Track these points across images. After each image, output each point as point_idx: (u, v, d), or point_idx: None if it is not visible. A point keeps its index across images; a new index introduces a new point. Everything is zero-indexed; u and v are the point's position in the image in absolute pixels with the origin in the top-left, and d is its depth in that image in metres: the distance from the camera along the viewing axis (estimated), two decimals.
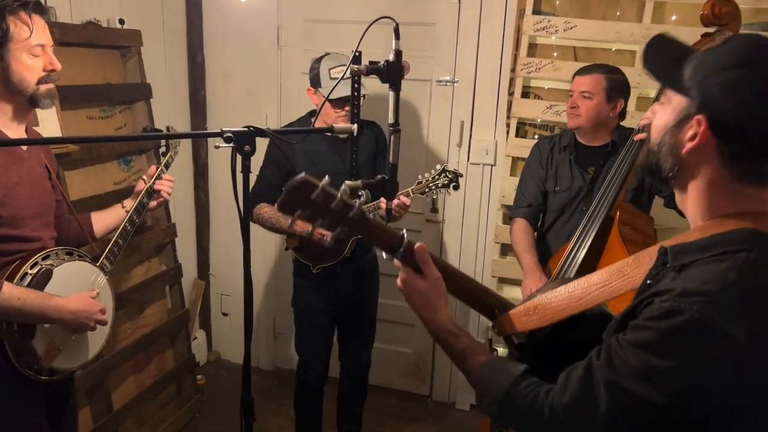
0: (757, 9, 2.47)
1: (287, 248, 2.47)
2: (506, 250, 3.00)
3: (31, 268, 1.60)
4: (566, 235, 2.31)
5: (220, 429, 2.98)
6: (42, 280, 1.60)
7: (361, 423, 2.77)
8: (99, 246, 1.90)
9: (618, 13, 2.67)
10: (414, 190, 2.29)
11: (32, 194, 1.64)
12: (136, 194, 1.94)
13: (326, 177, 1.01)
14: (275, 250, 3.38)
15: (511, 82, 2.82)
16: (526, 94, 2.84)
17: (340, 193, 1.02)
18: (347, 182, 1.43)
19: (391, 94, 1.34)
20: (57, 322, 1.61)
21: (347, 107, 2.25)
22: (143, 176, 1.97)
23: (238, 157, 1.31)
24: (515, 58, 2.78)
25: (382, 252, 1.14)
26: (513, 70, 2.80)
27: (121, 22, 2.57)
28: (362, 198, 2.46)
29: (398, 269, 1.16)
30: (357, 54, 1.41)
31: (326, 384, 2.66)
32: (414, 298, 1.15)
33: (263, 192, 2.37)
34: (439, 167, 2.33)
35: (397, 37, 1.33)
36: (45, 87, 1.58)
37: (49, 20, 1.61)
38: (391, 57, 1.32)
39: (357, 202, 1.04)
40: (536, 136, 2.82)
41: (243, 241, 1.35)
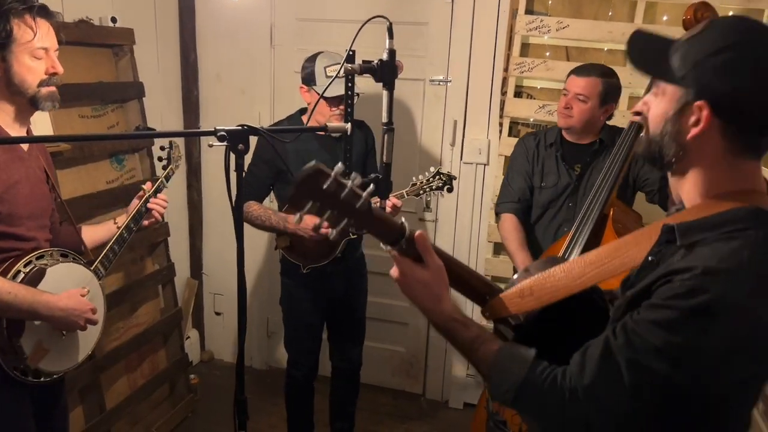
0: (747, 9, 2.50)
1: (276, 248, 2.46)
2: (499, 249, 3.01)
3: (25, 266, 1.60)
4: (554, 230, 2.33)
5: (213, 428, 2.98)
6: (34, 278, 1.60)
7: (354, 421, 2.78)
8: (94, 252, 1.89)
9: (610, 13, 2.69)
10: (408, 192, 2.29)
11: (30, 194, 1.64)
12: (129, 211, 1.94)
13: (339, 164, 0.97)
14: (268, 250, 3.38)
15: (504, 81, 2.83)
16: (518, 94, 2.85)
17: (350, 183, 0.97)
18: None
19: (384, 93, 1.34)
20: (47, 320, 1.60)
21: (342, 105, 2.25)
22: (140, 191, 1.97)
23: (232, 156, 1.31)
24: (508, 57, 2.79)
25: (381, 243, 1.08)
26: (506, 69, 2.81)
27: (114, 20, 2.56)
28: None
29: (393, 260, 1.10)
30: (351, 53, 1.41)
31: (318, 382, 2.66)
32: (415, 288, 1.08)
33: (252, 190, 2.36)
34: (433, 169, 2.33)
35: (391, 36, 1.33)
36: (46, 90, 1.59)
37: (55, 24, 1.62)
38: (384, 56, 1.32)
39: (364, 192, 0.98)
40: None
41: (237, 240, 1.35)
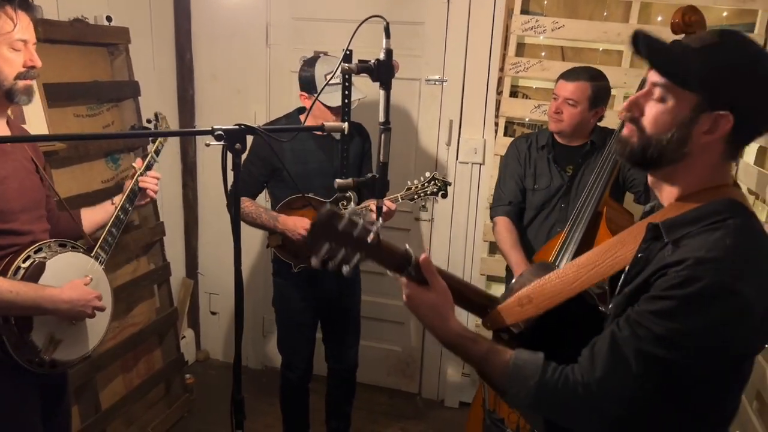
0: (741, 11, 2.51)
1: (268, 246, 2.46)
2: (494, 248, 3.02)
3: (24, 261, 1.60)
4: (547, 231, 2.34)
5: (209, 428, 2.98)
6: (35, 273, 1.60)
7: (350, 421, 2.78)
8: (92, 237, 1.89)
9: (605, 14, 2.70)
10: (403, 196, 2.29)
11: (21, 188, 1.63)
12: (125, 190, 1.94)
13: (351, 205, 1.01)
14: (263, 249, 3.37)
15: (500, 81, 2.84)
16: (514, 94, 2.86)
17: (362, 221, 1.02)
18: (338, 180, 1.44)
19: (381, 93, 1.34)
20: (52, 313, 1.61)
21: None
22: (132, 169, 1.97)
23: (228, 155, 1.31)
24: (504, 57, 2.80)
25: (387, 271, 1.10)
26: (501, 69, 2.82)
27: (109, 19, 2.55)
28: (351, 200, 2.47)
29: (401, 285, 1.13)
30: (348, 53, 1.41)
31: (314, 382, 2.66)
32: (423, 310, 1.13)
33: (245, 186, 2.36)
34: (428, 174, 2.33)
35: (388, 36, 1.33)
36: (23, 83, 1.57)
37: (35, 18, 1.61)
38: (381, 56, 1.32)
39: (375, 226, 1.03)
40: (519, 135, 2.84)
41: (234, 240, 1.35)
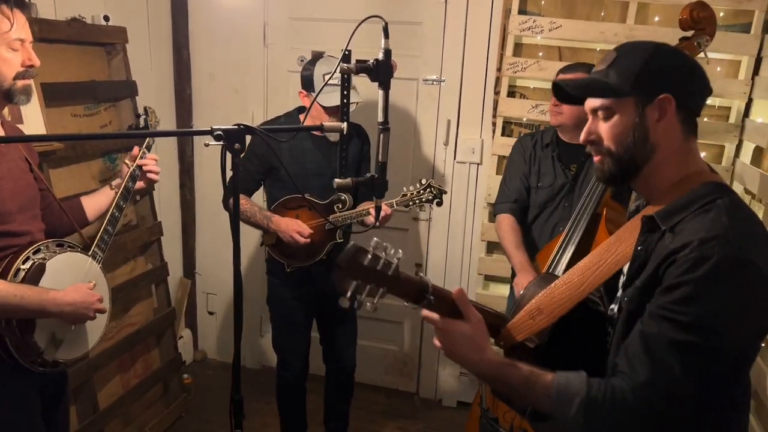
0: (737, 11, 2.52)
1: (262, 244, 2.46)
2: (492, 248, 3.03)
3: (23, 263, 1.59)
4: (550, 230, 2.34)
5: (207, 428, 2.97)
6: (36, 274, 1.60)
7: (348, 420, 2.78)
8: (87, 233, 1.89)
9: (602, 14, 2.70)
10: (398, 202, 2.30)
11: (16, 188, 1.63)
12: (122, 177, 1.93)
13: (374, 240, 1.00)
14: (260, 249, 3.37)
15: (497, 81, 2.84)
16: (512, 94, 2.87)
17: (384, 254, 1.01)
18: (336, 180, 1.44)
19: (380, 93, 1.34)
20: (56, 316, 1.62)
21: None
22: (126, 160, 1.96)
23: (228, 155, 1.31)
24: (501, 57, 2.80)
25: (405, 302, 1.07)
26: (499, 69, 2.82)
27: (106, 18, 2.55)
28: (346, 203, 2.45)
29: (426, 321, 1.09)
30: (346, 53, 1.41)
31: (312, 382, 2.66)
32: (459, 344, 1.07)
33: (240, 183, 2.35)
34: (424, 181, 2.33)
35: (387, 36, 1.33)
36: (22, 82, 1.57)
37: (30, 17, 1.61)
38: (380, 56, 1.32)
39: (396, 259, 1.01)
40: (521, 134, 2.84)
41: (233, 240, 1.35)
